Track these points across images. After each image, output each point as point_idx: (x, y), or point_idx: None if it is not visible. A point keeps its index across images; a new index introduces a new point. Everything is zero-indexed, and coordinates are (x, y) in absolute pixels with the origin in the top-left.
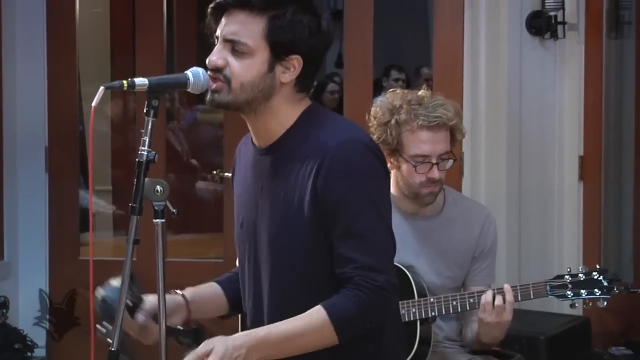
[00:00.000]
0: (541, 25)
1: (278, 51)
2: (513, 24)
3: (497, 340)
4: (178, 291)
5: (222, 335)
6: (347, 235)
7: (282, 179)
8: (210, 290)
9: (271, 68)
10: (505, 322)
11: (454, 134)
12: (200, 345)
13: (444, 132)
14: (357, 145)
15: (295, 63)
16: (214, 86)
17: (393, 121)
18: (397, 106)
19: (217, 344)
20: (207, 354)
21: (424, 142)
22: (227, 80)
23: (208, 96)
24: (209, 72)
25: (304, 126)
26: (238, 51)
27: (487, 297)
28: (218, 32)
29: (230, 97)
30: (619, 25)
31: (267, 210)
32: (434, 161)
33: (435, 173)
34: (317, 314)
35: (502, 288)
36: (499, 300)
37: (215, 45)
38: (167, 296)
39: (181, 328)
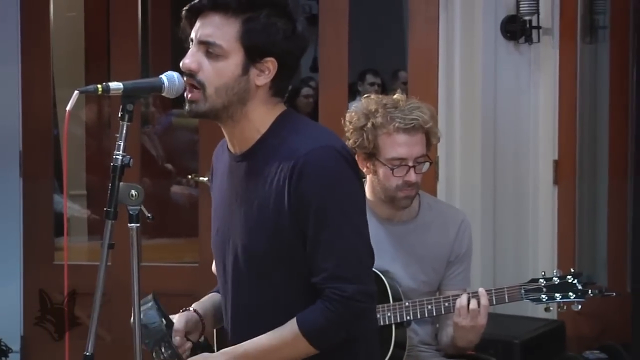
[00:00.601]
0: (516, 29)
1: (252, 54)
2: (488, 28)
3: (473, 344)
4: (190, 308)
5: (206, 353)
6: (318, 244)
7: (256, 186)
8: (214, 302)
9: (245, 71)
10: (480, 326)
11: (429, 138)
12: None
13: (420, 135)
14: (329, 152)
15: (270, 66)
16: (189, 96)
17: (369, 125)
18: (373, 110)
19: None
20: None
21: (401, 145)
22: (202, 86)
23: (186, 107)
24: (184, 78)
25: (277, 132)
26: (212, 53)
27: (462, 301)
28: (192, 35)
29: (207, 105)
30: (593, 29)
31: (242, 218)
32: (410, 164)
33: (412, 176)
34: (290, 327)
35: (476, 292)
36: (473, 304)
37: (189, 49)
38: (185, 314)
39: (198, 343)
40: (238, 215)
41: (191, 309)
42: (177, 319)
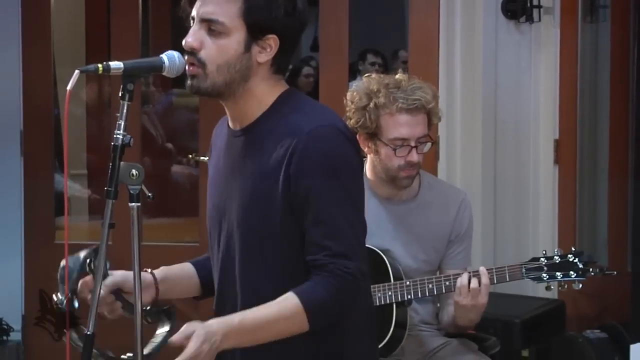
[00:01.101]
0: (516, 8)
1: (254, 31)
2: (488, 7)
3: (473, 323)
4: (148, 270)
5: (198, 321)
6: (319, 222)
7: (255, 160)
8: (183, 271)
9: (247, 48)
10: (481, 305)
11: (431, 118)
12: (183, 327)
13: (423, 115)
14: (332, 131)
15: (272, 43)
16: (190, 69)
17: (372, 105)
18: (375, 90)
19: (198, 328)
20: (188, 337)
21: (403, 125)
22: (202, 65)
23: (187, 82)
24: (185, 56)
25: (280, 109)
26: (214, 31)
27: (462, 279)
28: (194, 13)
29: (208, 82)
30: (594, 8)
31: (238, 192)
32: (412, 144)
33: (414, 156)
34: (290, 301)
35: (477, 270)
36: (474, 282)
37: (189, 28)
38: (128, 273)
39: (147, 307)
40: (235, 189)
41: (148, 270)
42: (114, 274)
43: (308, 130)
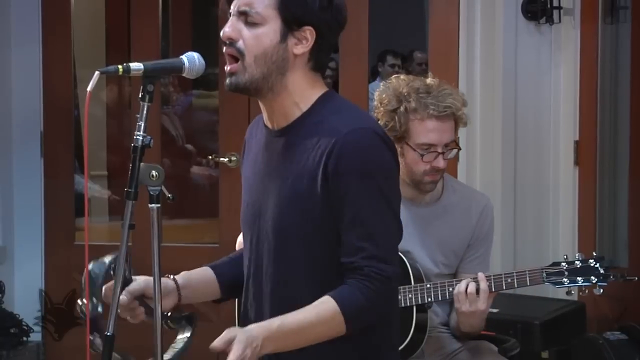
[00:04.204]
0: (537, 10)
1: (290, 21)
2: (509, 8)
3: (475, 329)
4: (170, 276)
5: (236, 327)
6: (356, 224)
7: (293, 161)
8: (202, 275)
9: (284, 38)
10: (481, 312)
11: (457, 123)
12: (223, 333)
13: (451, 121)
14: (370, 134)
15: (308, 35)
16: (228, 69)
17: (402, 108)
18: (405, 94)
19: (239, 333)
20: (230, 342)
21: (432, 131)
22: (241, 55)
23: (226, 81)
24: (223, 48)
25: (319, 111)
26: (251, 22)
27: (460, 286)
28: (232, 7)
29: (246, 76)
30: (614, 9)
31: (276, 193)
32: (439, 150)
33: (441, 162)
34: (328, 305)
35: (476, 277)
36: (471, 288)
37: (221, 29)
38: (150, 278)
39: (169, 314)
40: (272, 189)
41: (170, 276)
42: (138, 280)
43: (346, 131)
